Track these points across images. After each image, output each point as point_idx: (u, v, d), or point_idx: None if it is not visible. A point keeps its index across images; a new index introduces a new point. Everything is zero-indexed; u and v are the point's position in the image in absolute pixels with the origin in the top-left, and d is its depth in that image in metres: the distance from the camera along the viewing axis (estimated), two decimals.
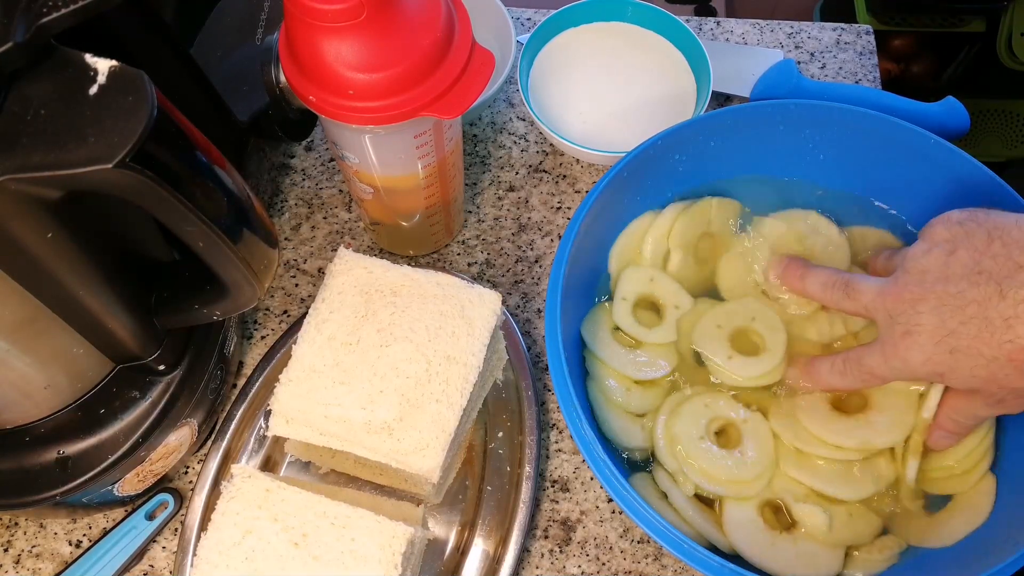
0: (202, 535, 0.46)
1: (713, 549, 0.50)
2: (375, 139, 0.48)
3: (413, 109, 0.44)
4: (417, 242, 0.63)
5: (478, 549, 0.52)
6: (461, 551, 0.53)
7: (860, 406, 0.53)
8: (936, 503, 0.52)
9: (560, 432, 0.58)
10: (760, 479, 0.51)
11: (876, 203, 0.59)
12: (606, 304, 0.57)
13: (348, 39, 0.41)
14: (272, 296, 0.64)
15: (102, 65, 0.33)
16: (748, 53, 0.73)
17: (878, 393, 0.52)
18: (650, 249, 0.58)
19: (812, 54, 0.75)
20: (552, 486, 0.57)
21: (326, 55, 0.42)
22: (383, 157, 0.50)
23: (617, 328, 0.56)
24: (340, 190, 0.68)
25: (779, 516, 0.51)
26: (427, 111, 0.44)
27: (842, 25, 0.77)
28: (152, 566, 0.54)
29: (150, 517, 0.55)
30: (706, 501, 0.52)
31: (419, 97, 0.43)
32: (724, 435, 0.53)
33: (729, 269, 0.58)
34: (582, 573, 0.54)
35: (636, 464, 0.53)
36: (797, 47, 0.75)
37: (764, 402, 0.54)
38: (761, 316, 0.55)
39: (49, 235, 0.37)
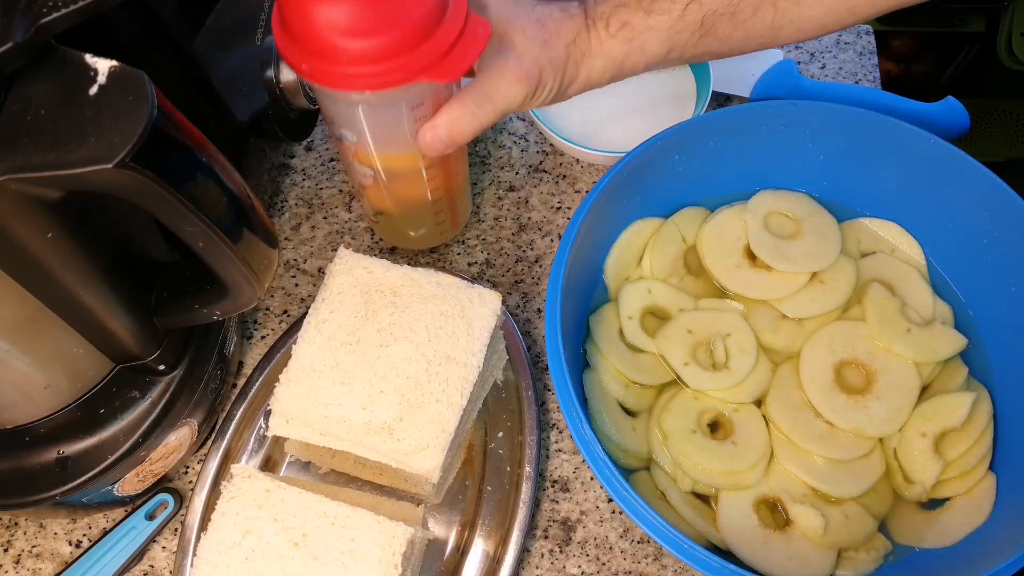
0: (202, 535, 0.46)
1: (713, 549, 0.50)
2: (370, 111, 0.47)
3: (408, 74, 0.43)
4: (422, 236, 0.61)
5: (478, 549, 0.52)
6: (461, 551, 0.53)
7: (862, 388, 0.53)
8: (934, 501, 0.52)
9: (560, 432, 0.58)
10: (755, 469, 0.51)
11: (866, 214, 0.60)
12: (616, 306, 0.57)
13: (340, 4, 0.40)
14: (272, 296, 0.64)
15: (102, 65, 0.33)
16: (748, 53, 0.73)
17: (881, 378, 0.53)
18: (646, 264, 0.59)
19: (812, 54, 0.75)
20: (552, 486, 0.57)
21: (317, 21, 0.41)
22: (380, 131, 0.49)
23: (623, 332, 0.56)
24: (340, 190, 0.68)
25: (775, 515, 0.51)
26: (422, 76, 0.43)
27: None
28: (152, 566, 0.54)
29: (150, 517, 0.55)
30: (704, 499, 0.52)
31: (414, 62, 0.43)
32: (720, 428, 0.53)
33: (712, 240, 0.58)
34: (582, 573, 0.54)
35: (632, 468, 0.53)
36: (797, 47, 0.75)
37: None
38: (737, 333, 0.55)
39: (49, 235, 0.37)
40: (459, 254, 0.65)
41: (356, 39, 0.41)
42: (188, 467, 0.58)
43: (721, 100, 0.72)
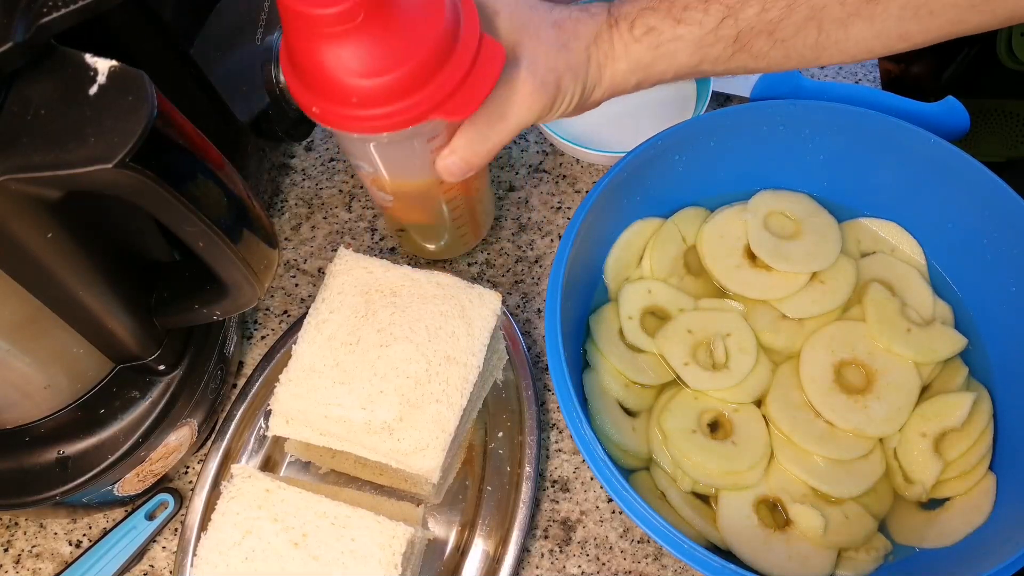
0: (202, 535, 0.46)
1: (713, 548, 0.50)
2: (386, 147, 0.46)
3: (422, 112, 0.41)
4: (444, 247, 0.61)
5: (478, 549, 0.52)
6: (461, 551, 0.53)
7: (862, 388, 0.53)
8: (934, 501, 0.52)
9: (560, 432, 0.58)
10: (755, 469, 0.51)
11: (866, 214, 0.60)
12: (616, 305, 0.57)
13: (347, 44, 0.39)
14: (272, 296, 0.64)
15: (102, 65, 0.33)
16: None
17: (881, 378, 0.53)
18: (646, 264, 0.59)
19: None
20: (552, 486, 0.57)
21: (326, 63, 0.40)
22: (396, 164, 0.48)
23: (623, 332, 0.56)
24: (340, 190, 0.68)
25: (775, 514, 0.51)
26: (437, 113, 0.42)
27: None
28: (152, 566, 0.54)
29: (150, 517, 0.55)
30: (704, 499, 0.52)
31: (428, 99, 0.41)
32: (720, 428, 0.53)
33: (712, 240, 0.58)
34: (582, 573, 0.54)
35: (632, 468, 0.53)
36: None
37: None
38: (737, 333, 0.55)
39: (49, 235, 0.37)
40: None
41: (366, 78, 0.40)
42: (188, 467, 0.58)
43: (721, 100, 0.72)
